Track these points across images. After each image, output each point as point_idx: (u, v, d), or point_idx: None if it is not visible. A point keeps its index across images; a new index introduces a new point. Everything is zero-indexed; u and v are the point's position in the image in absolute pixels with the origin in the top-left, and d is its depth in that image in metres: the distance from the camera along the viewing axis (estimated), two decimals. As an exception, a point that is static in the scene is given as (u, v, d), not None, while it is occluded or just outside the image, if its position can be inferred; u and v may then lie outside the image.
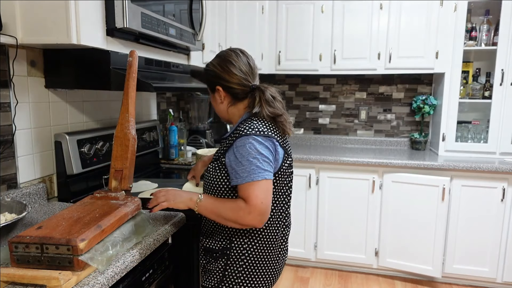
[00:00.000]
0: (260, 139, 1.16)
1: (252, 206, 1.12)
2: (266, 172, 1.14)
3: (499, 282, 2.66)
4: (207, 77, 1.31)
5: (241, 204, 1.13)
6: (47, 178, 1.65)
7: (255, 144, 1.15)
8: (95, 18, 1.35)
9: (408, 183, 2.66)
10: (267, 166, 1.15)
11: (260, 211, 1.12)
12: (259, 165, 1.13)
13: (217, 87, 1.27)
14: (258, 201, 1.12)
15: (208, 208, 1.19)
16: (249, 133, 1.16)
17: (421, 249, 2.68)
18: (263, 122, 1.22)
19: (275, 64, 3.13)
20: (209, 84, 1.31)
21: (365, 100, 3.36)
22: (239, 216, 1.13)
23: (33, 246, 0.92)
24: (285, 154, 1.26)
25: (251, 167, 1.13)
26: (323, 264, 3.01)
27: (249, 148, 1.14)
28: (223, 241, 1.25)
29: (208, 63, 1.31)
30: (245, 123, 1.21)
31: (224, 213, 1.16)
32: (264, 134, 1.18)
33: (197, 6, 2.00)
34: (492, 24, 2.75)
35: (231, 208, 1.15)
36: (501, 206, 2.56)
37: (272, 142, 1.19)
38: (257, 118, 1.23)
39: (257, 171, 1.13)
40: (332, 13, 2.95)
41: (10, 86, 1.44)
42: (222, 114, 1.34)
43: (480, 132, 2.89)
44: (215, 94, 1.29)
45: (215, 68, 1.27)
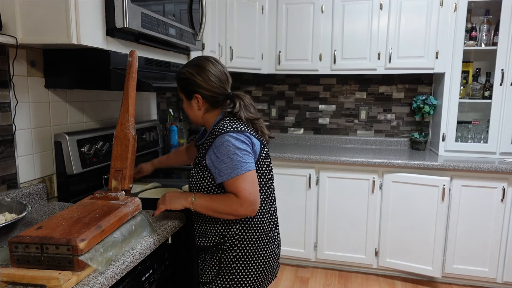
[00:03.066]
0: (235, 135, 1.23)
1: (242, 199, 1.20)
2: (248, 164, 1.22)
3: (499, 282, 2.66)
4: (184, 84, 1.33)
5: (232, 198, 1.21)
6: (47, 178, 1.65)
7: (232, 140, 1.22)
8: (95, 18, 1.35)
9: (408, 183, 2.66)
10: (247, 158, 1.23)
11: (250, 201, 1.20)
12: (240, 160, 1.20)
13: (196, 95, 1.31)
14: (247, 193, 1.20)
15: (203, 206, 1.26)
16: (225, 131, 1.23)
17: (421, 249, 2.68)
18: (235, 120, 1.30)
19: (275, 64, 3.13)
20: (186, 91, 1.34)
21: (365, 100, 3.36)
22: (233, 209, 1.21)
23: (33, 246, 0.92)
24: (261, 145, 1.33)
25: (233, 163, 1.20)
26: (323, 264, 3.01)
27: (227, 146, 1.21)
28: (216, 237, 1.31)
29: (183, 71, 1.33)
30: (219, 124, 1.28)
31: (219, 208, 1.23)
32: (238, 130, 1.25)
33: (197, 6, 2.00)
34: (492, 24, 2.75)
35: (224, 203, 1.23)
36: (501, 206, 2.56)
37: (246, 135, 1.26)
38: (229, 118, 1.30)
39: (239, 165, 1.20)
40: (332, 13, 2.95)
41: (10, 86, 1.44)
42: (196, 119, 1.39)
43: (480, 132, 2.89)
44: (192, 101, 1.34)
45: (193, 77, 1.30)
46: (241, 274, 1.29)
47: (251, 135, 1.29)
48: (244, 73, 3.55)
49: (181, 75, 1.34)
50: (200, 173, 1.29)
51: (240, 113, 1.31)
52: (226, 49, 2.87)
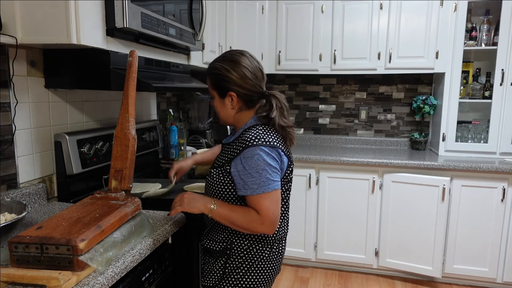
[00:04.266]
0: (267, 150, 1.16)
1: (264, 218, 1.15)
2: (275, 183, 1.17)
3: (499, 282, 2.65)
4: (217, 81, 1.24)
5: (253, 215, 1.17)
6: (47, 178, 1.65)
7: (263, 155, 1.15)
8: (95, 18, 1.35)
9: (408, 183, 2.66)
10: (275, 176, 1.17)
11: (271, 221, 1.16)
12: (268, 177, 1.15)
13: (230, 93, 1.23)
14: (270, 213, 1.15)
15: (222, 215, 1.20)
16: (256, 144, 1.16)
17: (421, 249, 2.68)
18: (268, 131, 1.22)
19: (275, 64, 3.13)
20: (220, 88, 1.25)
21: (365, 100, 3.36)
22: (252, 226, 1.18)
23: (33, 246, 0.92)
24: (288, 162, 1.27)
25: (261, 179, 1.14)
26: (323, 264, 3.01)
27: (257, 160, 1.15)
28: (224, 242, 1.27)
29: (218, 66, 1.24)
30: (251, 132, 1.20)
31: (238, 222, 1.19)
32: (271, 145, 1.18)
33: (197, 6, 2.00)
34: (492, 24, 2.75)
35: (244, 218, 1.18)
36: (501, 206, 2.56)
37: (278, 152, 1.20)
38: (262, 126, 1.23)
39: (267, 183, 1.15)
40: (332, 13, 2.95)
41: (10, 86, 1.44)
42: (227, 119, 1.31)
43: (480, 132, 2.89)
44: (225, 100, 1.25)
45: (229, 73, 1.22)
46: (246, 280, 1.27)
47: (282, 152, 1.22)
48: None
49: (215, 70, 1.25)
50: (221, 177, 1.23)
51: (275, 119, 1.23)
52: (226, 49, 2.86)
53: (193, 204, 1.23)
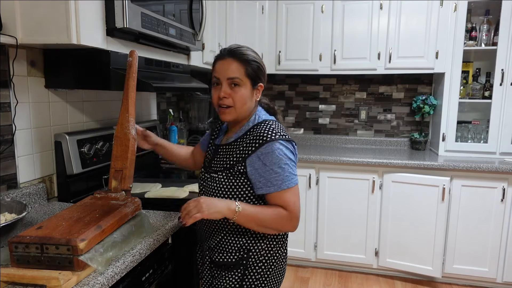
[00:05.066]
0: (285, 144, 1.14)
1: (292, 213, 1.12)
2: (296, 177, 1.15)
3: (499, 282, 2.66)
4: (255, 70, 1.19)
5: (282, 213, 1.12)
6: (47, 178, 1.65)
7: (283, 149, 1.12)
8: (95, 18, 1.35)
9: (408, 183, 2.66)
10: (295, 170, 1.16)
11: (297, 217, 1.14)
12: (290, 171, 1.12)
13: (260, 85, 1.22)
14: (296, 208, 1.13)
15: (249, 217, 1.12)
16: (274, 138, 1.12)
17: (421, 249, 2.68)
18: (279, 124, 1.20)
19: (275, 64, 3.13)
20: (254, 78, 1.20)
21: (365, 100, 3.36)
22: (281, 224, 1.14)
23: (33, 246, 0.92)
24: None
25: (285, 174, 1.11)
26: (323, 264, 3.01)
27: (279, 155, 1.11)
28: (240, 252, 1.20)
29: (256, 57, 1.21)
30: (264, 127, 1.16)
31: (266, 222, 1.13)
32: (287, 138, 1.16)
33: (197, 6, 2.00)
34: (492, 24, 2.75)
35: (273, 217, 1.12)
36: (501, 206, 2.56)
37: (293, 145, 1.18)
38: (272, 120, 1.21)
39: (290, 177, 1.12)
40: (332, 13, 2.95)
41: (10, 86, 1.44)
42: (246, 112, 1.21)
43: (480, 132, 2.89)
44: (254, 91, 1.21)
45: (264, 66, 1.23)
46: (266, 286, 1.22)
47: (296, 145, 1.21)
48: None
49: (254, 59, 1.20)
50: (232, 179, 1.16)
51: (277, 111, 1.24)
52: (226, 49, 2.86)
53: (213, 209, 1.09)
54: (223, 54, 1.21)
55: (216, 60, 1.22)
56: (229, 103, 1.17)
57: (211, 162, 1.25)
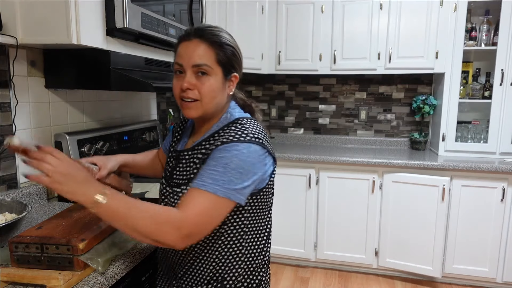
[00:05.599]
0: (252, 150, 0.90)
1: (185, 222, 0.81)
2: (234, 192, 0.86)
3: (499, 282, 2.66)
4: (229, 57, 0.97)
5: (171, 212, 0.82)
6: (47, 178, 1.65)
7: (246, 155, 0.88)
8: (95, 18, 1.35)
9: (408, 183, 2.66)
10: (247, 188, 0.89)
11: (191, 232, 0.82)
12: (233, 180, 0.86)
13: (235, 75, 1.01)
14: (196, 220, 0.83)
15: (115, 212, 0.80)
16: (243, 140, 0.90)
17: (421, 249, 2.68)
18: (256, 125, 0.99)
19: (275, 64, 3.13)
20: (227, 66, 0.97)
21: (365, 100, 3.36)
22: (161, 229, 0.80)
23: (33, 246, 0.92)
24: (273, 162, 1.01)
25: (223, 178, 0.85)
26: (323, 264, 3.01)
27: (234, 157, 0.87)
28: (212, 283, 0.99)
29: (231, 40, 0.99)
30: (236, 129, 0.94)
31: (140, 221, 0.80)
32: (260, 143, 0.92)
33: (197, 6, 2.00)
34: (492, 24, 2.75)
35: (154, 215, 0.81)
36: (501, 206, 2.56)
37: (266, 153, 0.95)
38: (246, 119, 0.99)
39: (226, 185, 0.85)
40: (332, 13, 2.95)
41: (10, 86, 1.45)
42: (215, 108, 0.99)
43: (480, 132, 2.89)
44: (226, 81, 0.98)
45: (239, 51, 1.01)
46: None
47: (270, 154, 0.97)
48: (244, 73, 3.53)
49: (228, 42, 0.97)
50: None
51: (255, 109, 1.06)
52: (226, 49, 2.86)
53: (70, 185, 0.79)
54: (189, 33, 0.96)
55: (179, 42, 0.97)
56: (194, 96, 0.94)
57: (173, 173, 1.01)
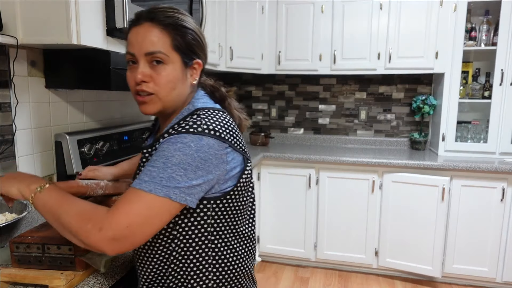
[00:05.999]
0: (204, 143, 0.78)
1: (108, 222, 0.72)
2: (177, 191, 0.75)
3: (499, 282, 2.66)
4: (190, 42, 0.87)
5: (99, 211, 0.75)
6: (48, 178, 1.65)
7: (192, 147, 0.76)
8: (95, 18, 1.35)
9: (408, 183, 2.66)
10: (185, 184, 0.76)
11: (117, 234, 0.72)
12: (174, 177, 0.75)
13: (198, 61, 0.90)
14: (124, 221, 0.72)
15: (47, 206, 0.78)
16: (193, 131, 0.78)
17: (421, 249, 2.68)
18: (217, 115, 0.86)
19: (275, 64, 3.13)
20: (187, 53, 0.87)
21: (365, 100, 3.36)
22: (83, 227, 0.73)
23: (35, 246, 0.92)
24: (244, 160, 0.89)
25: (160, 174, 0.75)
26: (323, 264, 3.01)
27: (177, 150, 0.76)
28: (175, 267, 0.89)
29: (189, 22, 0.87)
30: (193, 119, 0.82)
31: (65, 217, 0.75)
32: (216, 136, 0.80)
33: (197, 6, 2.00)
34: (491, 24, 2.76)
35: (79, 211, 0.75)
36: (500, 206, 2.57)
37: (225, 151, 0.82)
38: (206, 110, 0.86)
39: (164, 183, 0.74)
40: (332, 13, 2.95)
41: (11, 86, 1.44)
42: (177, 100, 0.88)
43: (479, 132, 2.89)
44: (187, 69, 0.88)
45: (199, 36, 0.89)
46: None
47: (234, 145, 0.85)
48: (244, 73, 3.55)
49: (186, 24, 0.86)
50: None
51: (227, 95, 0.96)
52: (226, 49, 2.87)
53: (11, 182, 0.82)
54: (139, 17, 0.86)
55: (129, 27, 0.88)
56: (149, 89, 0.84)
57: (136, 173, 0.92)
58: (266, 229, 3.00)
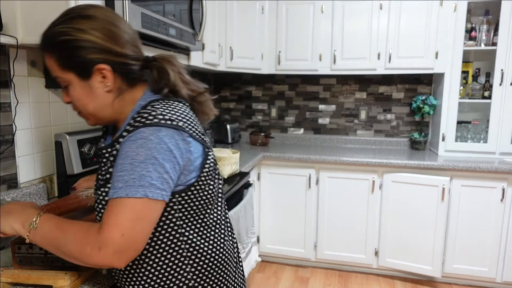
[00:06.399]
0: (163, 134, 0.76)
1: (104, 239, 0.71)
2: (153, 188, 0.74)
3: (499, 282, 2.66)
4: (71, 52, 0.79)
5: (91, 233, 0.74)
6: (48, 178, 1.65)
7: (153, 141, 0.75)
8: (96, 18, 1.34)
9: (408, 183, 2.66)
10: (161, 178, 0.75)
11: (117, 247, 0.72)
12: (145, 174, 0.73)
13: (100, 67, 0.80)
14: (117, 232, 0.71)
15: (46, 238, 0.78)
16: (149, 124, 0.76)
17: (421, 249, 2.68)
18: (172, 104, 0.83)
19: (275, 64, 3.13)
20: (78, 64, 0.80)
21: (365, 100, 3.36)
22: (84, 253, 0.73)
23: (37, 247, 0.92)
24: (205, 149, 0.86)
25: (132, 176, 0.73)
26: (323, 264, 3.01)
27: (140, 146, 0.74)
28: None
29: (64, 30, 0.80)
30: (148, 108, 0.80)
31: (65, 247, 0.75)
32: (173, 125, 0.78)
33: (197, 6, 2.00)
34: (491, 24, 2.76)
35: (76, 238, 0.74)
36: (500, 206, 2.57)
37: (184, 137, 0.79)
38: (150, 105, 0.82)
39: (139, 182, 0.73)
40: (332, 13, 2.95)
41: (11, 86, 1.44)
42: (104, 112, 0.86)
43: (479, 132, 2.89)
44: (91, 81, 0.81)
45: (87, 34, 0.78)
46: None
47: (193, 134, 0.82)
48: (244, 73, 3.55)
49: (59, 36, 0.79)
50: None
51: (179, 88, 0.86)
52: (226, 49, 2.87)
53: (6, 218, 0.82)
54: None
55: None
56: (75, 108, 0.86)
57: (97, 175, 0.88)
58: (266, 229, 3.00)
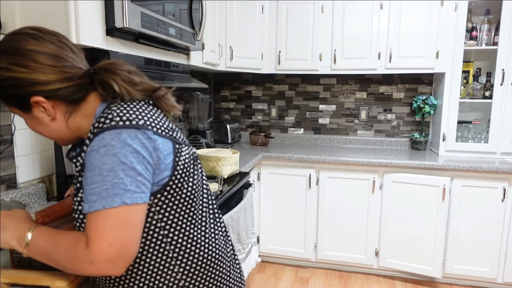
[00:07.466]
0: (125, 136, 0.73)
1: (92, 253, 0.70)
2: (129, 194, 0.72)
3: (500, 282, 2.65)
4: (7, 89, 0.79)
5: (79, 246, 0.73)
6: (47, 178, 1.64)
7: (116, 146, 0.72)
8: (94, 18, 1.34)
9: (408, 183, 2.66)
10: (132, 183, 0.73)
11: (108, 257, 0.71)
12: (117, 182, 0.71)
13: (34, 100, 0.79)
14: (103, 244, 0.70)
15: (41, 252, 0.78)
16: (108, 125, 0.74)
17: (421, 249, 2.68)
18: (131, 104, 0.81)
19: (275, 64, 3.13)
20: (15, 100, 0.80)
21: (365, 100, 3.36)
22: (77, 266, 0.73)
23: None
24: (175, 146, 0.82)
25: (104, 187, 0.71)
26: (323, 264, 3.01)
27: (104, 155, 0.72)
28: None
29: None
30: (103, 113, 0.77)
31: (60, 261, 0.75)
32: (133, 124, 0.75)
33: (197, 6, 2.00)
34: (492, 24, 2.75)
35: (67, 252, 0.74)
36: (501, 206, 2.56)
37: (146, 135, 0.76)
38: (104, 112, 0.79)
39: (112, 191, 0.71)
40: (332, 13, 2.94)
41: (10, 86, 1.44)
42: (62, 135, 0.86)
43: (480, 132, 2.89)
44: (34, 112, 0.81)
45: (14, 72, 0.77)
46: None
47: (156, 134, 0.78)
48: (244, 73, 3.54)
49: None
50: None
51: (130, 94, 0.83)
52: (226, 49, 2.86)
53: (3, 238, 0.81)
54: None
55: None
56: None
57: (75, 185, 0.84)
58: (266, 229, 3.00)
